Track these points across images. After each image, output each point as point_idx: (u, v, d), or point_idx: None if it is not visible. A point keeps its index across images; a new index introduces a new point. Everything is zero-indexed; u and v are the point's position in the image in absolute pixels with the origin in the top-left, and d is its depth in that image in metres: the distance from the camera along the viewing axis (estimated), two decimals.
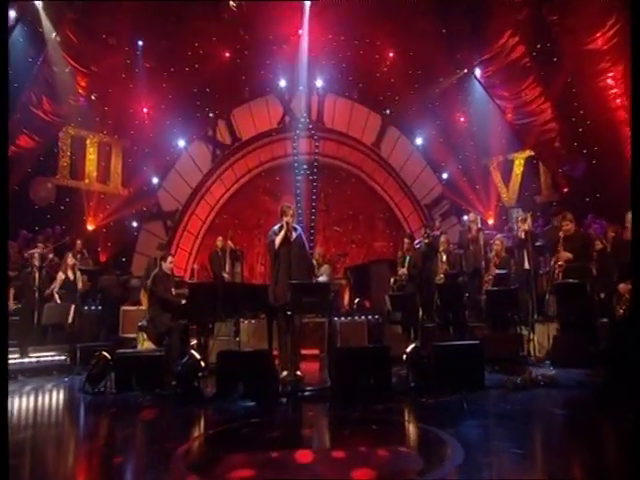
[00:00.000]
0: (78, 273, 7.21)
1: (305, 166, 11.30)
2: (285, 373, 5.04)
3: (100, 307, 7.84)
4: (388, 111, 11.01)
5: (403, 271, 6.80)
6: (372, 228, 11.69)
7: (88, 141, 10.06)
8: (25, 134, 8.52)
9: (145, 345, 5.84)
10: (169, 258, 5.92)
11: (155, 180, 10.53)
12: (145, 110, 10.28)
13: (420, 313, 6.29)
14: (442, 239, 6.90)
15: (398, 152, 11.12)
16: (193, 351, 4.61)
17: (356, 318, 7.26)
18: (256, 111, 10.92)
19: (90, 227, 9.80)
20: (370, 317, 7.19)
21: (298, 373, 5.07)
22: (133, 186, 10.31)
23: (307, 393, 4.44)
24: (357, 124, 11.10)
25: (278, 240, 5.16)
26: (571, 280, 5.48)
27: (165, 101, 10.29)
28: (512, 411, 3.61)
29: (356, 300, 8.25)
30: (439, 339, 5.84)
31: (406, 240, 6.95)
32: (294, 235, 5.25)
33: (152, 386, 4.57)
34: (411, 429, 3.40)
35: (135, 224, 10.33)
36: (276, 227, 5.28)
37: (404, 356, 4.44)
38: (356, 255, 11.16)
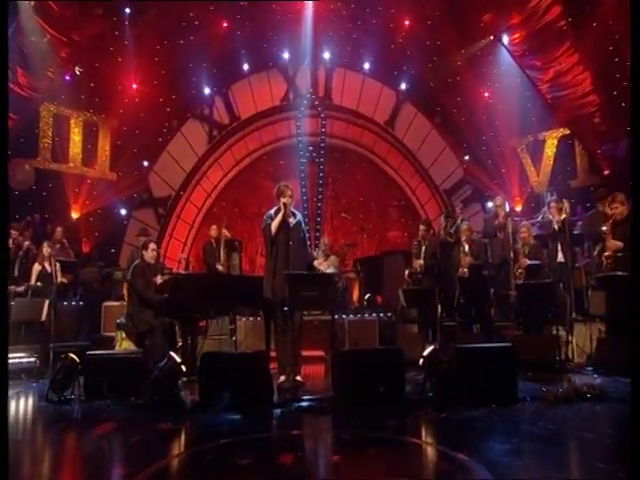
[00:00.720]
0: (56, 265, 6.88)
1: (311, 148, 10.87)
2: (283, 378, 4.67)
3: (82, 303, 7.56)
4: (403, 86, 10.47)
5: (419, 263, 6.38)
6: (385, 216, 11.34)
7: (72, 120, 9.76)
8: None
9: (124, 345, 5.45)
10: (151, 245, 5.52)
11: (145, 163, 10.18)
12: (135, 86, 9.92)
13: (439, 310, 5.92)
14: (464, 226, 6.42)
15: (414, 132, 10.62)
16: (173, 353, 4.18)
17: (366, 316, 7.00)
18: (257, 87, 10.49)
19: (75, 215, 9.52)
20: (382, 315, 6.96)
21: (298, 379, 4.73)
22: (122, 170, 10.02)
23: (305, 404, 3.99)
24: (369, 101, 10.62)
25: (275, 225, 4.77)
26: (619, 272, 4.91)
27: (157, 76, 9.93)
28: (554, 431, 3.09)
29: (367, 296, 7.99)
30: (462, 340, 5.48)
31: (422, 227, 6.52)
32: (293, 220, 4.86)
33: (126, 393, 4.19)
34: (428, 453, 2.91)
35: (124, 212, 9.99)
36: (272, 210, 4.89)
37: (420, 360, 3.97)
38: (367, 246, 10.83)
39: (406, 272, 6.52)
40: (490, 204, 8.86)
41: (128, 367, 4.31)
